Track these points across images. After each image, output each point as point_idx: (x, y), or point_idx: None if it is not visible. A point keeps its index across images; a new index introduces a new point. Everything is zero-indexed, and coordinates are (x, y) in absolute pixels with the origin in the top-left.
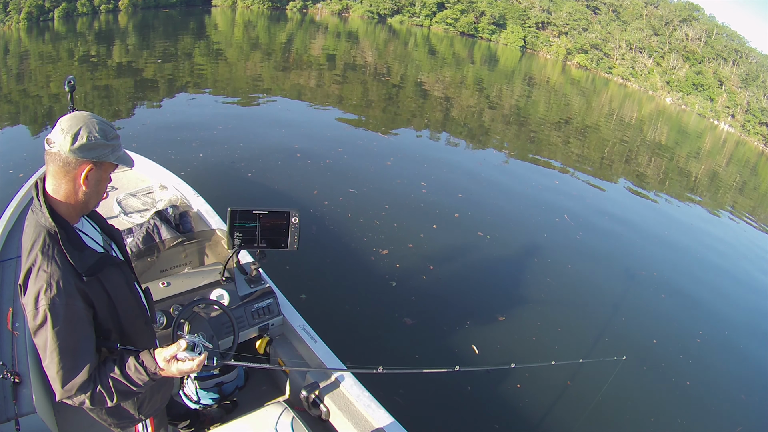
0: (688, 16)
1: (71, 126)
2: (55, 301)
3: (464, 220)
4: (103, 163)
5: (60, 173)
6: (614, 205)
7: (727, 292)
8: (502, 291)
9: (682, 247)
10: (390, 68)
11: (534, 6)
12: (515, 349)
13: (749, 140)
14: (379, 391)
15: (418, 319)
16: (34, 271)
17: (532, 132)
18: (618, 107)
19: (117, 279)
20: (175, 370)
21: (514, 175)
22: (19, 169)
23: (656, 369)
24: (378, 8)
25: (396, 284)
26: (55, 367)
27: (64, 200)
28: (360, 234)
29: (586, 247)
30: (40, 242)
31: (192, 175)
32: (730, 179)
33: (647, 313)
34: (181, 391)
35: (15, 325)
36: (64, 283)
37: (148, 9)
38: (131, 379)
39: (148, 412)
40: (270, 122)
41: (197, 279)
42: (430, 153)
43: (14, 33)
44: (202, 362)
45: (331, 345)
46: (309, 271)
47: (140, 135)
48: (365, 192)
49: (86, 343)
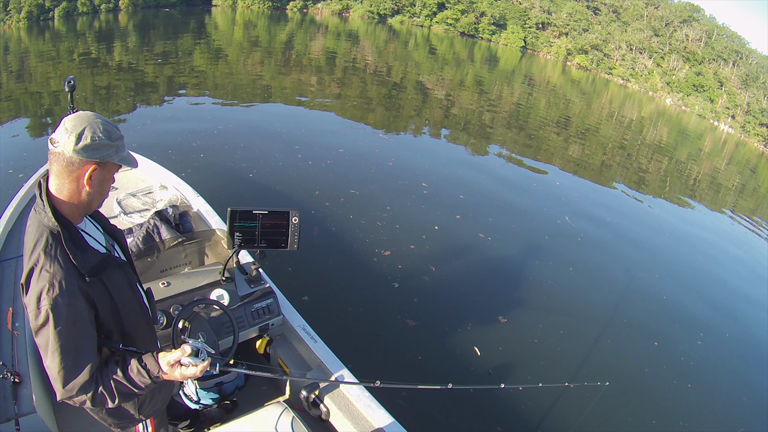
0: (689, 17)
1: (75, 126)
2: (57, 302)
3: (466, 222)
4: (107, 164)
5: (63, 173)
6: (615, 207)
7: (727, 294)
8: (503, 292)
9: (681, 249)
10: (390, 68)
11: (534, 6)
12: (516, 350)
13: (749, 141)
14: (379, 392)
15: (420, 321)
16: (36, 270)
17: (533, 133)
18: (618, 108)
19: (119, 280)
20: (178, 375)
21: (515, 176)
22: (20, 169)
23: (658, 371)
24: (378, 8)
25: (398, 285)
26: (57, 367)
27: (67, 200)
28: (362, 235)
29: (587, 249)
30: (43, 242)
31: (192, 175)
32: (729, 181)
33: (648, 315)
34: (181, 391)
35: (15, 325)
36: (67, 283)
37: (149, 8)
38: (133, 382)
39: (149, 413)
40: (270, 123)
41: (197, 279)
42: (431, 154)
43: (14, 32)
44: (205, 368)
45: (332, 345)
46: (311, 272)
47: (140, 135)
48: (366, 193)
49: (88, 343)
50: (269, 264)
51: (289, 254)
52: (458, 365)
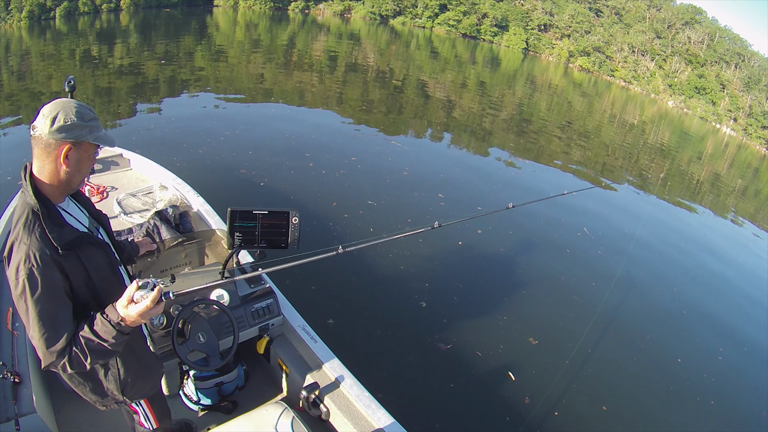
0: (691, 19)
1: (51, 111)
2: (32, 272)
3: (487, 237)
4: (82, 143)
5: (43, 155)
6: (629, 215)
7: (743, 307)
8: (533, 311)
9: (697, 259)
10: (393, 70)
11: (536, 8)
12: (547, 371)
13: (751, 144)
14: (380, 391)
15: (451, 343)
16: (16, 244)
17: (544, 139)
18: (620, 110)
19: (97, 257)
20: (134, 313)
21: (529, 185)
22: (17, 176)
23: (682, 388)
24: (380, 9)
25: (426, 305)
26: (37, 334)
27: (47, 180)
28: (385, 250)
29: (607, 262)
30: (23, 218)
31: (192, 175)
32: (742, 185)
33: (671, 330)
34: (181, 392)
35: (15, 325)
36: (41, 254)
37: (150, 8)
38: (99, 335)
39: (133, 395)
40: (271, 123)
41: (197, 279)
42: (443, 162)
43: (15, 32)
44: (156, 297)
45: (332, 345)
46: (334, 292)
47: (141, 134)
48: (383, 204)
49: (64, 311)
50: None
51: (311, 273)
52: (491, 387)
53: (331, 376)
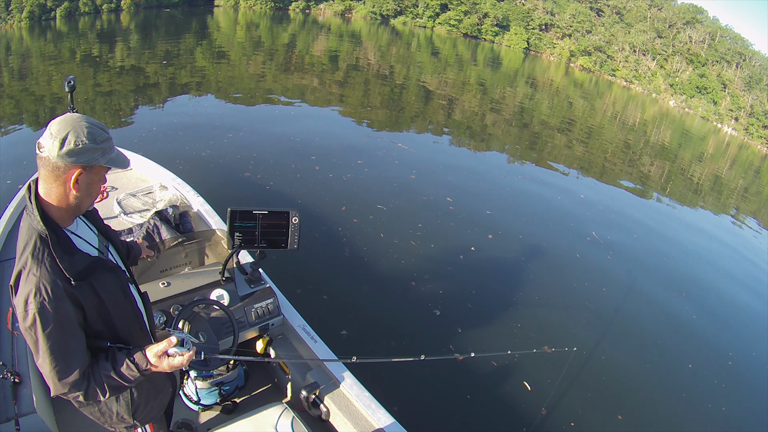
0: (692, 18)
1: (60, 130)
2: (44, 305)
3: (498, 242)
4: (94, 167)
5: (50, 177)
6: (637, 219)
7: (752, 311)
8: (544, 316)
9: (705, 264)
10: (394, 70)
11: (537, 8)
12: (566, 381)
13: (752, 144)
14: (379, 390)
15: (466, 352)
16: (24, 274)
17: (552, 141)
18: (621, 110)
19: (110, 283)
20: (166, 365)
21: (538, 188)
22: (19, 179)
23: (694, 395)
24: (381, 9)
25: (440, 313)
26: (48, 367)
27: (55, 204)
28: (397, 256)
29: (617, 267)
30: (31, 245)
31: (192, 175)
32: (742, 185)
33: (681, 336)
34: (181, 392)
35: (15, 325)
36: (53, 287)
37: (151, 9)
38: (123, 376)
39: (144, 419)
40: (273, 124)
41: (197, 279)
42: (451, 164)
43: (16, 32)
44: (191, 357)
45: (332, 345)
46: (346, 300)
47: (141, 134)
48: (393, 209)
49: (76, 343)
50: (272, 264)
51: (322, 281)
52: (507, 398)
53: (331, 376)
